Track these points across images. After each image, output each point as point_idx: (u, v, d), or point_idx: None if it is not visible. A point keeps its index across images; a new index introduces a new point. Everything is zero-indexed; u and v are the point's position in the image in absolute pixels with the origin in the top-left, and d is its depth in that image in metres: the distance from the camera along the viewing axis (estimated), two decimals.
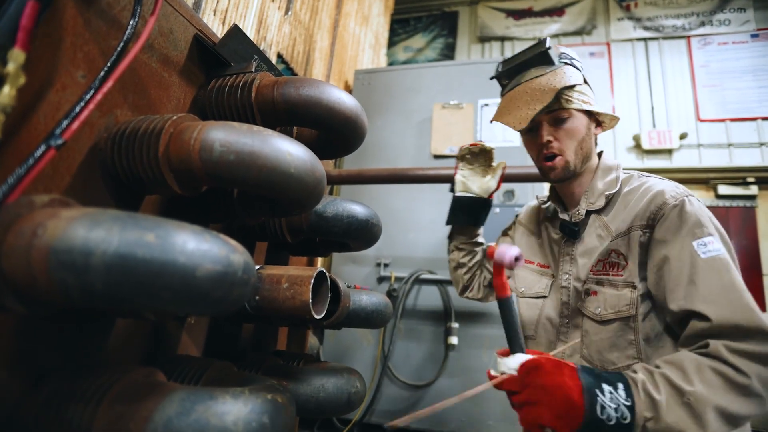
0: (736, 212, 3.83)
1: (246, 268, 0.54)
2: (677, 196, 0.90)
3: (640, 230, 0.92)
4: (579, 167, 1.02)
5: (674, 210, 0.88)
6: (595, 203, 1.01)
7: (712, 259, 0.82)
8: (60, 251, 0.45)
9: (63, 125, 0.56)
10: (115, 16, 0.77)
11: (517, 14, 4.86)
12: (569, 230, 1.05)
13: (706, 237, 0.84)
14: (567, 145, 1.00)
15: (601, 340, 0.95)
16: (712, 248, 0.83)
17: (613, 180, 1.02)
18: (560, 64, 1.00)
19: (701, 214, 0.87)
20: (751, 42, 4.10)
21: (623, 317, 0.92)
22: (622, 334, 0.92)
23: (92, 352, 0.75)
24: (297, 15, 2.20)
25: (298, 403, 0.95)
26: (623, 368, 0.90)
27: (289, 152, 0.72)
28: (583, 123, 1.01)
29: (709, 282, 0.81)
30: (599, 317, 0.95)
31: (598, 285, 0.97)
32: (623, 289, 0.93)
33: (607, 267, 0.96)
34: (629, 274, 0.93)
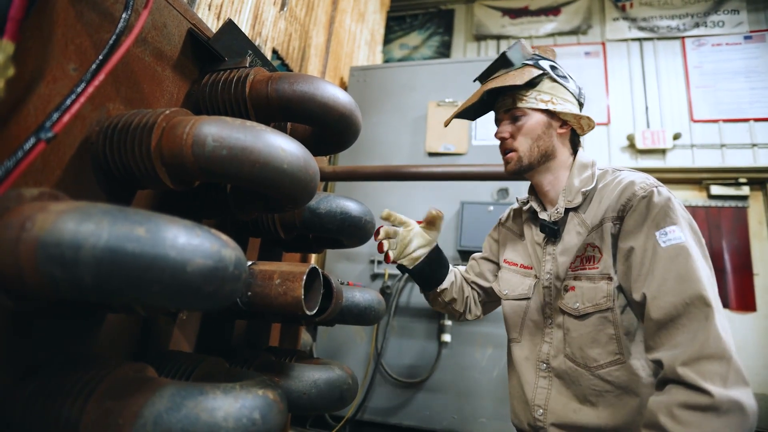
0: (728, 212, 3.86)
1: (238, 264, 0.54)
2: (646, 188, 0.91)
3: (611, 222, 0.94)
4: (535, 164, 1.05)
5: (642, 201, 0.90)
6: (573, 201, 1.02)
7: (671, 248, 0.83)
8: (48, 245, 0.44)
9: (54, 118, 0.55)
10: (107, 9, 0.76)
11: (513, 13, 4.86)
12: (549, 230, 1.05)
13: (668, 226, 0.85)
14: (520, 141, 1.04)
15: (581, 336, 0.95)
16: (672, 237, 0.84)
17: (588, 177, 1.04)
18: (521, 65, 1.04)
19: (667, 205, 0.88)
20: (744, 44, 4.13)
21: (601, 310, 0.93)
22: (602, 329, 0.93)
23: (82, 347, 0.74)
24: (293, 11, 2.19)
25: (290, 399, 0.95)
26: (606, 365, 0.91)
27: (282, 148, 0.71)
28: (540, 121, 1.03)
29: (664, 271, 0.83)
30: (577, 312, 0.96)
31: (576, 280, 0.98)
32: (599, 281, 0.94)
33: (584, 261, 0.97)
34: (604, 266, 0.94)
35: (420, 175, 1.77)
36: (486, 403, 2.06)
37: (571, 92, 1.06)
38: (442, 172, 1.76)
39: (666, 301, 0.81)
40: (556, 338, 1.01)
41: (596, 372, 0.92)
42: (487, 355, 2.15)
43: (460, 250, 2.26)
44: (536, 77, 1.01)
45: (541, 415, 0.99)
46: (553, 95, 1.03)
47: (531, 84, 1.02)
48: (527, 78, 0.99)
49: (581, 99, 1.08)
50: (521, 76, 1.01)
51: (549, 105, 1.02)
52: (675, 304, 0.80)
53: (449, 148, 2.46)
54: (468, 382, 2.12)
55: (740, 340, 3.58)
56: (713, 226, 3.82)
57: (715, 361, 0.74)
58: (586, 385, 0.94)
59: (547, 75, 1.04)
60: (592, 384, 0.93)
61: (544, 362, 1.02)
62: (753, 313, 3.62)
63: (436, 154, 2.50)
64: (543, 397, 1.00)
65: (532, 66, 1.03)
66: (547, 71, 1.04)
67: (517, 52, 1.05)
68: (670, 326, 0.80)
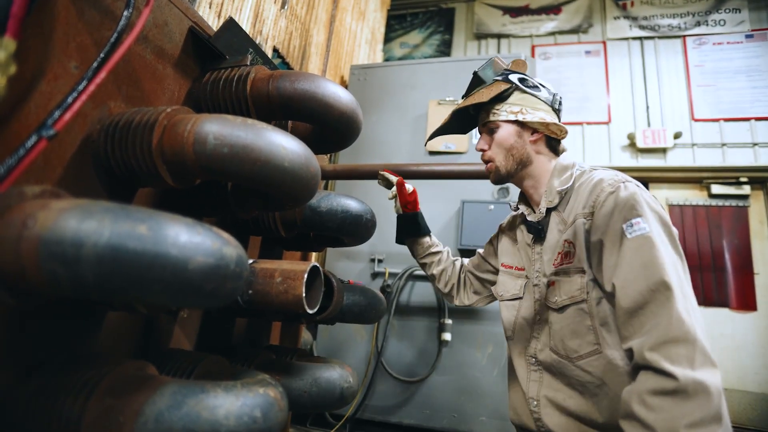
0: (729, 212, 3.85)
1: (239, 262, 0.54)
2: (614, 184, 0.96)
3: (583, 218, 0.98)
4: (513, 171, 1.13)
5: (610, 197, 0.94)
6: (552, 201, 1.08)
7: (636, 238, 0.87)
8: (50, 242, 0.44)
9: (55, 116, 0.55)
10: (108, 7, 0.76)
11: (513, 12, 4.85)
12: (535, 230, 1.13)
13: (633, 218, 0.89)
14: (496, 152, 1.13)
15: (562, 329, 1.00)
16: (637, 228, 0.88)
17: (567, 177, 1.09)
18: (492, 81, 1.13)
19: (633, 198, 0.91)
20: (746, 42, 4.12)
21: (576, 302, 0.98)
22: (580, 320, 0.97)
23: (83, 345, 0.74)
24: (293, 9, 2.18)
25: (291, 397, 0.95)
26: (585, 355, 0.95)
27: (283, 146, 0.71)
28: (510, 132, 1.11)
29: (630, 260, 0.87)
30: (556, 305, 1.02)
31: (556, 275, 1.03)
32: (574, 275, 0.99)
33: (563, 257, 1.03)
34: (578, 260, 0.98)
35: (421, 174, 1.76)
36: (486, 402, 2.07)
37: (543, 100, 1.12)
38: (442, 170, 1.76)
39: (633, 290, 0.85)
40: (543, 333, 1.06)
41: (577, 363, 0.96)
42: (487, 354, 2.15)
43: (461, 248, 2.26)
44: (504, 91, 1.10)
45: (536, 406, 1.04)
46: (522, 106, 1.10)
47: (500, 98, 1.11)
48: (493, 94, 1.09)
49: (555, 105, 1.14)
50: (489, 92, 1.11)
51: (519, 116, 1.10)
52: (641, 292, 0.83)
53: (450, 146, 2.46)
54: (468, 380, 2.12)
55: (740, 340, 3.58)
56: (714, 226, 3.82)
57: (680, 343, 0.77)
58: (570, 375, 0.98)
59: (517, 88, 1.12)
60: (575, 374, 0.97)
61: (533, 356, 1.07)
62: (753, 312, 3.62)
63: (436, 153, 2.49)
64: (536, 389, 1.05)
65: (502, 81, 1.12)
66: (515, 84, 1.11)
67: (488, 70, 1.14)
68: (639, 314, 0.84)
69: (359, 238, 1.21)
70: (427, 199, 2.44)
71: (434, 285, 1.43)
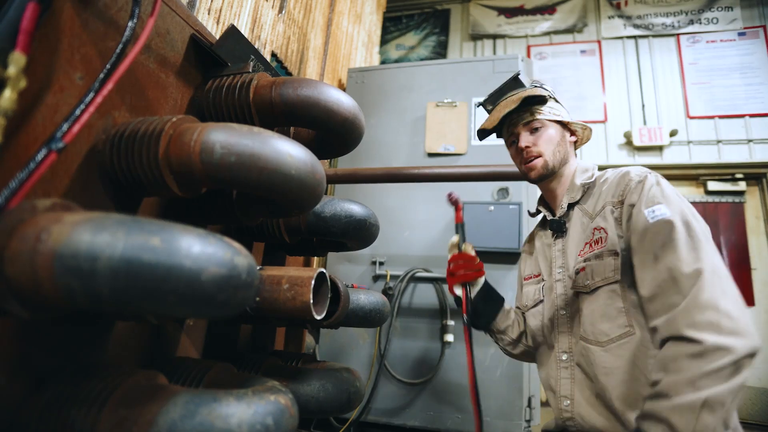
0: (725, 208, 3.88)
1: (250, 271, 0.54)
2: (641, 174, 1.02)
3: (611, 206, 1.03)
4: (557, 167, 1.17)
5: (638, 185, 1.00)
6: (574, 196, 1.14)
7: (657, 222, 0.92)
8: (65, 256, 0.45)
9: (64, 128, 0.55)
10: (112, 17, 0.76)
11: (508, 12, 4.87)
12: (557, 226, 1.16)
13: (656, 205, 0.94)
14: (544, 147, 1.15)
15: (592, 312, 1.01)
16: (659, 213, 0.92)
17: (588, 176, 1.16)
18: (531, 87, 1.19)
19: (657, 186, 0.98)
20: (738, 40, 4.15)
21: (609, 283, 0.99)
22: (611, 303, 0.98)
23: (92, 355, 0.74)
24: (291, 14, 2.19)
25: (299, 403, 0.95)
26: (616, 338, 0.96)
27: (290, 154, 0.72)
28: (557, 131, 1.18)
29: (651, 243, 0.92)
30: (587, 288, 1.03)
31: (586, 261, 1.05)
32: (607, 257, 1.01)
33: (592, 245, 1.05)
34: (611, 243, 1.01)
35: (421, 177, 1.77)
36: (490, 403, 2.07)
37: (567, 112, 1.22)
38: (442, 173, 1.77)
39: (655, 271, 0.89)
40: (574, 325, 1.07)
41: (607, 347, 0.96)
42: (490, 355, 2.15)
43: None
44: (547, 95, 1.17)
45: (568, 405, 1.03)
46: (559, 110, 1.19)
47: (544, 100, 1.17)
48: (546, 93, 1.15)
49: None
50: (540, 91, 1.15)
51: (561, 117, 1.17)
52: (661, 273, 0.87)
53: (449, 148, 2.47)
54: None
55: None
56: (711, 222, 3.84)
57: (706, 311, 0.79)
58: (596, 363, 0.97)
59: (553, 97, 1.20)
60: (602, 361, 0.96)
61: (565, 352, 1.08)
62: (752, 307, 3.65)
63: (435, 155, 2.50)
64: (568, 388, 1.05)
65: (540, 87, 1.18)
66: (550, 93, 1.20)
67: (525, 77, 1.21)
68: (659, 294, 0.87)
69: (363, 242, 1.21)
70: (426, 202, 2.44)
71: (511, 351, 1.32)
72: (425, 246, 2.39)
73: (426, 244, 2.39)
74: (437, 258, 2.34)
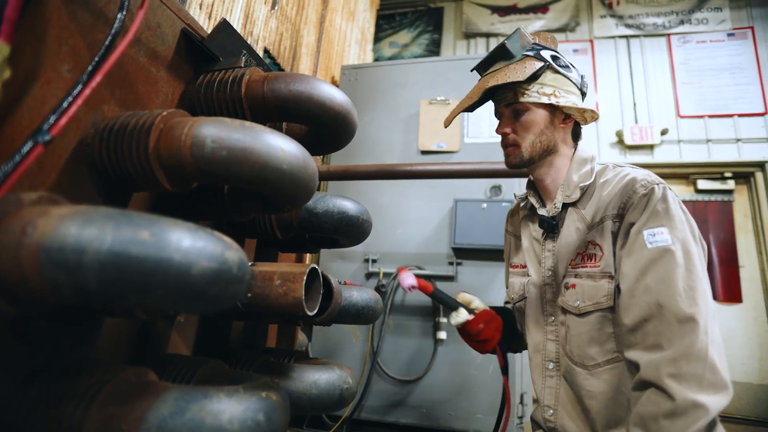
0: (715, 206, 3.93)
1: (241, 266, 0.53)
2: (647, 185, 0.91)
3: (611, 220, 0.93)
4: (536, 158, 1.03)
5: (642, 199, 0.90)
6: (570, 196, 1.01)
7: (656, 250, 0.84)
8: (51, 249, 0.44)
9: (51, 121, 0.54)
10: (101, 9, 0.75)
11: (502, 11, 4.88)
12: (548, 225, 1.04)
13: (657, 228, 0.85)
14: (522, 136, 1.01)
15: (580, 335, 0.95)
16: (660, 239, 0.84)
17: (587, 172, 1.02)
18: (522, 57, 1.00)
19: (663, 204, 0.88)
20: (728, 41, 4.20)
21: (601, 309, 0.92)
22: (601, 327, 0.92)
23: (81, 351, 0.73)
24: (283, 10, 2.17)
25: (292, 400, 0.94)
26: (603, 363, 0.90)
27: (281, 148, 0.71)
28: (542, 116, 1.01)
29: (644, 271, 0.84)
30: (578, 310, 0.95)
31: (577, 278, 0.97)
32: (600, 279, 0.93)
33: (585, 258, 0.97)
34: (605, 264, 0.93)
35: (414, 174, 1.77)
36: (482, 399, 2.08)
37: (574, 82, 1.01)
38: (435, 170, 1.77)
39: (643, 302, 0.82)
40: (561, 335, 1.00)
41: (593, 371, 0.91)
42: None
43: (454, 247, 2.27)
44: (538, 70, 0.97)
45: (551, 415, 0.98)
46: (555, 87, 0.99)
47: (533, 77, 0.98)
48: (529, 72, 0.95)
49: (584, 88, 1.05)
50: (522, 69, 0.96)
51: (552, 99, 0.98)
52: (651, 306, 0.81)
53: (442, 146, 2.47)
54: (464, 378, 2.14)
55: (728, 331, 3.65)
56: (701, 220, 3.89)
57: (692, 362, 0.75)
58: (580, 386, 0.93)
59: (549, 66, 0.99)
60: (587, 384, 0.91)
61: (552, 361, 1.01)
62: (739, 304, 3.70)
63: (428, 152, 2.50)
64: (552, 398, 0.99)
65: (533, 57, 0.99)
66: (549, 62, 0.99)
67: (516, 42, 1.01)
68: (645, 327, 0.81)
69: (356, 238, 1.20)
70: (420, 199, 2.45)
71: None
72: (418, 243, 2.39)
73: (419, 241, 2.39)
74: (430, 255, 2.35)
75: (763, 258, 3.68)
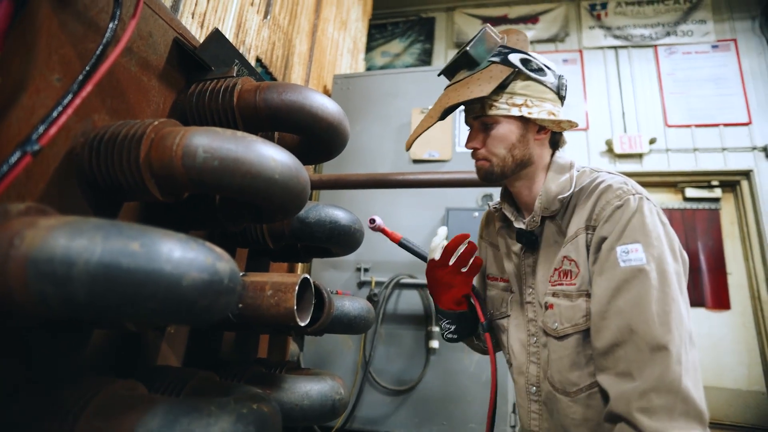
0: (703, 214, 3.98)
1: (232, 276, 0.53)
2: (621, 195, 0.83)
3: (584, 232, 0.87)
4: (509, 172, 0.94)
5: (616, 211, 0.82)
6: (549, 208, 0.93)
7: (629, 269, 0.78)
8: (39, 261, 0.43)
9: (40, 130, 0.54)
10: (92, 19, 0.75)
11: (492, 21, 4.95)
12: (527, 240, 0.97)
13: (631, 244, 0.79)
14: (493, 151, 0.92)
15: (561, 359, 0.88)
16: (633, 257, 0.78)
17: (566, 181, 0.93)
18: (488, 64, 0.90)
19: (638, 218, 0.81)
20: (712, 52, 4.29)
21: (580, 331, 0.85)
22: (581, 350, 0.85)
23: (67, 364, 0.72)
24: (276, 19, 2.18)
25: (283, 411, 0.93)
26: (585, 388, 0.84)
27: (273, 158, 0.71)
28: (513, 129, 0.91)
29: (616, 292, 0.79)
30: (557, 333, 0.88)
31: (554, 297, 0.89)
32: (577, 299, 0.85)
33: (561, 275, 0.89)
34: (582, 282, 0.85)
35: (406, 183, 1.78)
36: (475, 409, 2.07)
37: (549, 87, 0.92)
38: (427, 179, 1.77)
39: (614, 324, 0.77)
40: (541, 359, 0.94)
41: (576, 398, 0.85)
42: (475, 361, 2.16)
43: None
44: (505, 79, 0.88)
45: None
46: (527, 96, 0.90)
47: (500, 87, 0.88)
48: (494, 84, 0.86)
49: (562, 92, 0.95)
50: (487, 80, 0.87)
51: (523, 110, 0.89)
52: (621, 330, 0.76)
53: (433, 155, 2.48)
54: (457, 387, 2.13)
55: (717, 338, 3.68)
56: (689, 228, 3.94)
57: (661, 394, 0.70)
58: (564, 414, 0.87)
59: (520, 73, 0.89)
60: (571, 413, 0.85)
61: (534, 385, 0.95)
62: (728, 311, 3.74)
63: (420, 161, 2.51)
64: (537, 423, 0.94)
65: (500, 63, 0.89)
66: (518, 68, 0.89)
67: (481, 47, 0.91)
68: (616, 352, 0.76)
69: (348, 248, 1.20)
70: (412, 207, 2.45)
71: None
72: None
73: None
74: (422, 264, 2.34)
75: (750, 265, 3.73)
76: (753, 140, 3.93)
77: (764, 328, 3.54)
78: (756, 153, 3.90)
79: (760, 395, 3.48)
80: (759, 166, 3.85)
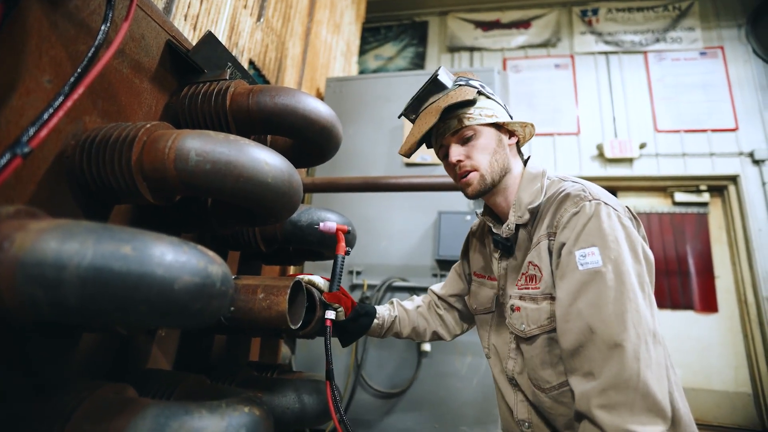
0: (692, 218, 4.03)
1: (224, 280, 0.53)
2: (577, 202, 0.87)
3: (546, 239, 0.91)
4: (497, 180, 0.99)
5: (573, 218, 0.86)
6: (522, 217, 0.98)
7: (586, 272, 0.81)
8: (29, 265, 0.43)
9: (30, 133, 0.54)
10: (83, 20, 0.75)
11: (485, 26, 4.98)
12: (503, 246, 1.02)
13: (588, 248, 0.82)
14: (478, 159, 0.98)
15: (532, 359, 0.92)
16: (590, 260, 0.81)
17: (537, 190, 0.99)
18: (455, 86, 1.00)
19: (594, 223, 0.84)
20: (700, 59, 4.36)
21: (546, 331, 0.90)
22: (550, 350, 0.89)
23: (58, 367, 0.71)
24: (269, 22, 2.18)
25: (275, 414, 0.93)
26: (558, 386, 0.88)
27: (266, 162, 0.71)
28: (492, 136, 0.99)
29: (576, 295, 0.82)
30: (524, 334, 0.93)
31: (521, 300, 0.94)
32: (542, 302, 0.90)
33: (527, 280, 0.94)
34: (545, 286, 0.90)
35: (398, 186, 1.78)
36: (467, 411, 2.08)
37: (503, 106, 1.04)
38: (420, 182, 1.78)
39: (576, 327, 0.80)
40: (518, 358, 0.99)
41: (550, 394, 0.90)
42: (466, 364, 2.16)
43: (438, 259, 2.28)
44: (476, 94, 0.99)
45: (528, 428, 0.97)
46: (492, 109, 1.00)
47: (471, 103, 0.98)
48: (471, 94, 0.96)
49: (508, 111, 1.06)
50: (464, 93, 0.96)
51: (494, 118, 0.99)
52: (583, 332, 0.79)
53: (426, 158, 2.49)
54: (449, 390, 2.13)
55: (705, 340, 3.72)
56: (678, 232, 3.99)
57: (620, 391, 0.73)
58: (545, 407, 0.92)
59: (481, 93, 1.01)
60: (548, 407, 0.91)
61: (512, 379, 1.00)
62: (716, 314, 3.78)
63: (413, 165, 2.52)
64: (525, 411, 0.98)
65: (465, 86, 1.00)
66: (480, 89, 1.01)
67: (445, 76, 1.01)
68: (580, 353, 0.79)
69: None
70: (404, 211, 2.46)
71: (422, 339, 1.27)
72: (402, 255, 2.40)
73: (403, 253, 2.40)
74: (414, 267, 2.35)
75: (737, 269, 3.78)
76: (740, 146, 3.99)
77: (751, 331, 3.59)
78: (743, 158, 3.96)
79: (747, 397, 3.53)
80: (746, 171, 3.91)
